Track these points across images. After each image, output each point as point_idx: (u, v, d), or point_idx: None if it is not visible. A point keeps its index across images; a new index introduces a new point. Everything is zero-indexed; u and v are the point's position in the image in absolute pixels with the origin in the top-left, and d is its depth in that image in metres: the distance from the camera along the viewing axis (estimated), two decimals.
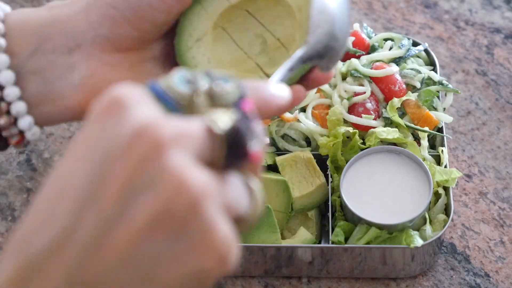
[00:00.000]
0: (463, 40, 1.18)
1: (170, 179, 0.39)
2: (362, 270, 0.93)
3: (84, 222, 0.39)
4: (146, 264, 0.40)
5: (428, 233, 0.90)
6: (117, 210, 0.39)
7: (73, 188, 0.40)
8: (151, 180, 0.39)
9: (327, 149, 0.94)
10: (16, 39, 0.59)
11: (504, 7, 1.22)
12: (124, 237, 0.39)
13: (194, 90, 0.43)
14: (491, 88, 1.13)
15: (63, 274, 0.39)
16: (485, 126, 1.09)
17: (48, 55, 0.59)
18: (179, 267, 0.40)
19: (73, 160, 0.41)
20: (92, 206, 0.39)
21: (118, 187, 0.39)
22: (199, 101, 0.43)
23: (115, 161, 0.39)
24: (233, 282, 0.96)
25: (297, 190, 0.94)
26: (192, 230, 0.40)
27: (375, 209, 0.90)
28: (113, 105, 0.41)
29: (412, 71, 1.01)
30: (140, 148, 0.39)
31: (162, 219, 0.39)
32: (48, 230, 0.40)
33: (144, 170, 0.39)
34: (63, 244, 0.39)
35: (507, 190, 1.02)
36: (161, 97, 0.43)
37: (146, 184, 0.39)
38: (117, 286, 0.39)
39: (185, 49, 0.64)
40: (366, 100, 0.98)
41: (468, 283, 0.95)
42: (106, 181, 0.39)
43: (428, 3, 1.23)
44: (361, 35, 1.04)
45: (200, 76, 0.44)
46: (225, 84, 0.44)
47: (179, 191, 0.39)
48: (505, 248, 0.97)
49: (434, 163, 0.95)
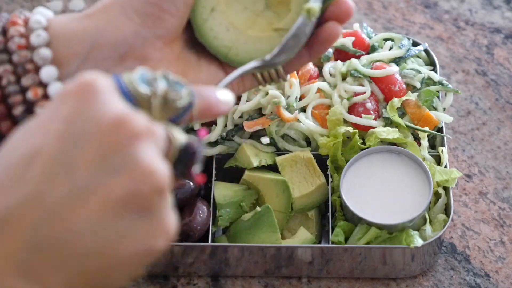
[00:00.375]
0: (463, 40, 1.18)
1: (141, 164, 0.44)
2: (362, 270, 0.93)
3: (56, 186, 0.43)
4: (108, 236, 0.43)
5: (428, 233, 0.90)
6: (90, 181, 0.43)
7: (47, 153, 0.43)
8: (126, 162, 0.43)
9: (327, 149, 0.94)
10: (62, 49, 0.58)
11: (504, 7, 1.22)
12: (94, 207, 0.43)
13: (152, 92, 0.48)
14: (491, 88, 1.13)
15: (28, 232, 0.42)
16: (485, 126, 1.09)
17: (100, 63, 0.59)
18: (136, 244, 0.44)
19: (43, 131, 0.44)
20: (65, 173, 0.43)
21: (95, 161, 0.43)
22: (155, 103, 0.48)
23: (91, 140, 0.43)
24: (233, 282, 0.96)
25: (297, 190, 0.94)
26: (155, 212, 0.45)
27: (375, 209, 0.90)
28: (86, 87, 0.45)
29: (412, 71, 1.01)
30: (117, 134, 0.44)
31: (132, 198, 0.43)
32: (18, 189, 0.43)
33: (118, 153, 0.43)
34: (32, 204, 0.42)
35: (507, 190, 1.02)
36: (123, 92, 0.47)
37: (121, 165, 0.43)
38: (76, 252, 0.43)
39: (201, 22, 0.63)
40: (366, 100, 0.98)
41: (468, 283, 0.95)
42: (81, 155, 0.43)
43: (428, 3, 1.23)
44: (361, 35, 1.04)
45: (159, 78, 0.49)
46: (180, 90, 0.49)
47: (150, 176, 0.44)
48: (505, 248, 0.97)
49: (434, 163, 0.95)
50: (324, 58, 1.02)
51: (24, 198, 0.42)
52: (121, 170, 0.43)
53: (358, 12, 1.23)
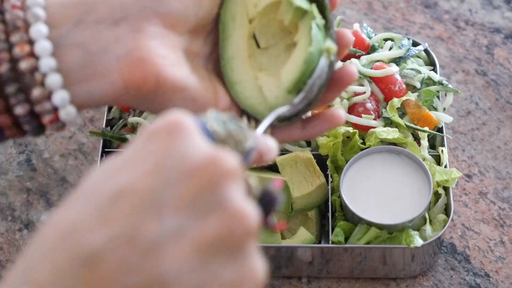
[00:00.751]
0: (463, 40, 1.18)
1: (233, 206, 0.42)
2: (362, 270, 0.93)
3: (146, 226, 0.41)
4: (197, 279, 0.41)
5: (428, 233, 0.90)
6: (182, 221, 0.41)
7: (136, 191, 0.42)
8: (218, 203, 0.42)
9: (327, 149, 0.94)
10: (57, 11, 0.57)
11: (504, 7, 1.22)
12: (185, 249, 0.41)
13: (228, 131, 0.48)
14: (491, 88, 1.13)
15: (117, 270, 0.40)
16: (485, 126, 1.09)
17: (92, 27, 0.57)
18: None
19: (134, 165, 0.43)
20: (156, 212, 0.41)
21: (186, 200, 0.42)
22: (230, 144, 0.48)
23: (184, 178, 0.42)
24: None
25: (297, 190, 0.94)
26: (245, 256, 0.43)
27: (375, 209, 0.90)
28: (174, 126, 0.44)
29: (412, 71, 1.01)
30: (209, 172, 0.43)
31: (224, 240, 0.42)
32: (106, 227, 0.41)
33: (211, 193, 0.42)
34: (121, 242, 0.41)
35: (507, 190, 1.02)
36: (206, 132, 0.47)
37: (213, 205, 0.42)
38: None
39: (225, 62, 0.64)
40: (366, 100, 0.98)
41: (468, 283, 0.95)
42: (173, 192, 0.42)
43: (428, 3, 1.23)
44: (361, 35, 1.04)
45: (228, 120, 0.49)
46: (247, 133, 0.50)
47: (242, 218, 0.42)
48: (505, 248, 0.97)
49: (434, 163, 0.95)
50: None
51: (112, 236, 0.41)
52: (213, 211, 0.42)
53: (358, 12, 1.23)
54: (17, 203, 1.03)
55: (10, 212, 1.02)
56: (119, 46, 0.58)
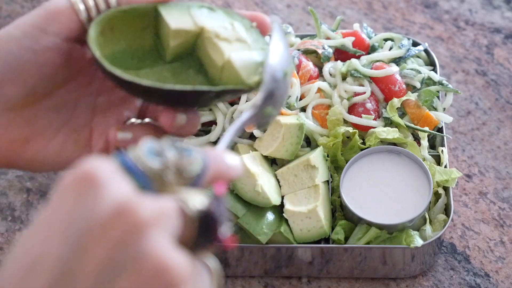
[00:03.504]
0: (463, 40, 1.18)
1: (150, 261, 0.39)
2: (362, 270, 0.93)
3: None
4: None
5: (428, 233, 0.90)
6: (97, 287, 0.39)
7: (48, 264, 0.39)
8: (132, 261, 0.39)
9: (327, 149, 0.94)
10: None
11: (504, 7, 1.22)
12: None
13: (164, 164, 0.44)
14: (491, 88, 1.13)
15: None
16: (485, 126, 1.09)
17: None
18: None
19: (45, 233, 0.40)
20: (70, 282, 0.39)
21: (98, 265, 0.39)
22: (171, 177, 0.44)
23: (94, 240, 0.39)
24: (233, 282, 0.96)
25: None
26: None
27: (375, 209, 0.90)
28: (85, 180, 0.40)
29: (412, 71, 1.01)
30: (120, 228, 0.39)
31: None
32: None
33: (124, 251, 0.39)
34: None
35: (507, 190, 1.02)
36: (132, 171, 0.43)
37: (126, 264, 0.39)
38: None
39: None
40: (366, 100, 0.98)
41: (468, 283, 0.95)
42: (84, 259, 0.39)
43: (428, 3, 1.23)
44: (361, 35, 1.04)
45: (167, 148, 0.45)
46: (191, 157, 0.45)
47: (160, 273, 0.39)
48: (505, 248, 0.97)
49: (434, 163, 0.95)
50: (324, 58, 1.02)
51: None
52: (128, 270, 0.39)
53: (358, 12, 1.23)
54: (17, 203, 1.03)
55: (10, 212, 1.02)
56: None
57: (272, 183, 0.92)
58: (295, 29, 1.19)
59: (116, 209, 0.40)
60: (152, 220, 0.40)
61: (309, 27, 1.22)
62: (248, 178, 0.89)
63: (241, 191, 0.90)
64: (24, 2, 1.26)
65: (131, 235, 0.39)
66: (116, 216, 0.39)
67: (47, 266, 0.39)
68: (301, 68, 0.99)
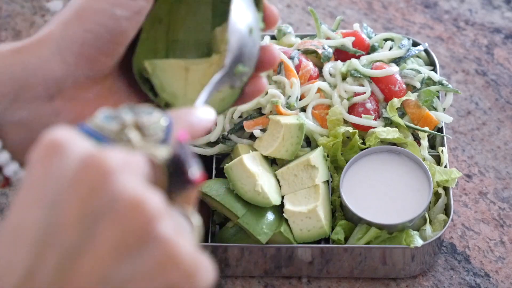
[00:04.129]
0: (463, 40, 1.18)
1: (124, 199, 0.41)
2: (362, 270, 0.93)
3: (47, 258, 0.40)
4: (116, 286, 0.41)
5: (428, 233, 0.90)
6: (78, 240, 0.40)
7: (29, 230, 0.41)
8: (107, 204, 0.41)
9: (327, 149, 0.94)
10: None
11: (504, 7, 1.22)
12: (91, 264, 0.40)
13: (121, 124, 0.45)
14: (491, 88, 1.13)
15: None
16: (485, 126, 1.09)
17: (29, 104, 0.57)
18: (148, 284, 0.41)
19: (24, 204, 0.42)
20: (51, 242, 0.40)
21: (75, 218, 0.40)
22: (131, 135, 0.45)
23: (67, 196, 0.41)
24: (233, 282, 0.96)
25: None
26: (153, 246, 0.41)
27: (375, 209, 0.90)
28: (50, 147, 0.42)
29: (412, 71, 1.01)
30: (89, 178, 0.41)
31: (124, 241, 0.40)
32: (10, 277, 0.41)
33: (98, 197, 0.41)
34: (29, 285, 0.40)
35: (507, 190, 1.02)
36: (93, 135, 0.45)
37: (103, 209, 0.41)
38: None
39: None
40: (366, 100, 0.98)
41: (468, 283, 0.95)
42: (62, 216, 0.41)
43: (428, 3, 1.23)
44: (361, 35, 1.04)
45: (123, 112, 0.46)
46: (150, 116, 0.47)
47: (136, 208, 0.41)
48: (505, 248, 0.97)
49: (434, 163, 0.95)
50: (324, 58, 1.02)
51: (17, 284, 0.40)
52: (106, 214, 0.40)
53: (358, 12, 1.23)
54: None
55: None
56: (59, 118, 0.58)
57: (272, 183, 0.92)
58: (295, 29, 1.19)
59: (83, 162, 0.41)
60: (121, 165, 0.42)
61: (309, 27, 1.22)
62: (248, 178, 0.89)
63: (241, 191, 0.90)
64: (24, 2, 1.26)
65: (102, 181, 0.41)
66: (83, 168, 0.41)
67: (29, 234, 0.41)
68: (301, 68, 0.99)
